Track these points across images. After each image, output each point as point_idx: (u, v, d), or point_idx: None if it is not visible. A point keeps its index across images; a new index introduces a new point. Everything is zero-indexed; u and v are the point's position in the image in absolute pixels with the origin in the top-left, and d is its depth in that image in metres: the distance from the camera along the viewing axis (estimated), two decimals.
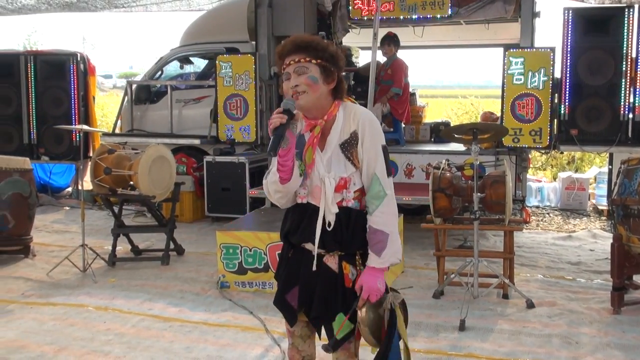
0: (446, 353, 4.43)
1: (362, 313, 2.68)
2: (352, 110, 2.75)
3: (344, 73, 2.83)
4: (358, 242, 2.74)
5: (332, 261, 2.75)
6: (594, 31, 7.41)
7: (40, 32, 37.83)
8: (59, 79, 9.86)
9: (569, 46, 7.44)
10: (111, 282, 6.11)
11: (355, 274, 2.76)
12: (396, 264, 2.78)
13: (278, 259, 3.01)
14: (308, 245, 2.76)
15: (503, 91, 7.69)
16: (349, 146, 2.71)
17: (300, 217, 2.78)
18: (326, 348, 2.72)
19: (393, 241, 2.70)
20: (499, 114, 8.15)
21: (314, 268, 2.74)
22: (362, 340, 2.79)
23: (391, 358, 2.72)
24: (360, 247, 2.76)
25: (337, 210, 2.70)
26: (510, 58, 7.58)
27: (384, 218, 2.69)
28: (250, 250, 5.73)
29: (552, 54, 7.50)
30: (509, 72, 7.59)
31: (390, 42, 8.79)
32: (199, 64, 10.74)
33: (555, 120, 7.62)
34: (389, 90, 8.69)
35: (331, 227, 2.69)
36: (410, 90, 9.78)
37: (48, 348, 4.54)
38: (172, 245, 6.91)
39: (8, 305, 5.49)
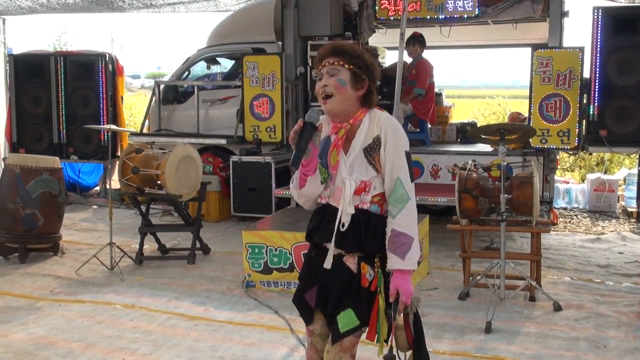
0: (472, 355, 4.40)
1: (399, 318, 2.72)
2: (377, 116, 2.81)
3: (377, 84, 2.89)
4: (377, 245, 2.78)
5: (351, 261, 2.81)
6: (624, 30, 7.31)
7: (69, 33, 38.16)
8: (88, 79, 9.99)
9: (598, 46, 7.35)
10: (138, 281, 6.17)
11: (372, 275, 2.80)
12: (413, 270, 2.79)
13: (303, 259, 3.06)
14: (328, 245, 2.82)
15: (531, 91, 7.62)
16: (372, 150, 2.77)
17: (321, 217, 2.86)
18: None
19: (415, 245, 2.74)
20: (526, 115, 8.08)
21: (328, 266, 2.80)
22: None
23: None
24: (379, 250, 2.80)
25: (352, 212, 2.76)
26: (539, 58, 7.51)
27: (407, 221, 2.73)
28: (276, 250, 5.75)
29: (581, 54, 7.41)
30: (537, 72, 7.52)
31: (416, 42, 8.76)
32: (226, 64, 10.79)
33: (584, 120, 7.54)
34: (412, 90, 8.66)
35: (344, 227, 2.76)
36: (437, 90, 9.74)
37: (76, 345, 4.60)
38: (198, 245, 6.96)
39: (37, 302, 5.57)
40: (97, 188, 11.09)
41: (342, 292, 2.80)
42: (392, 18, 9.18)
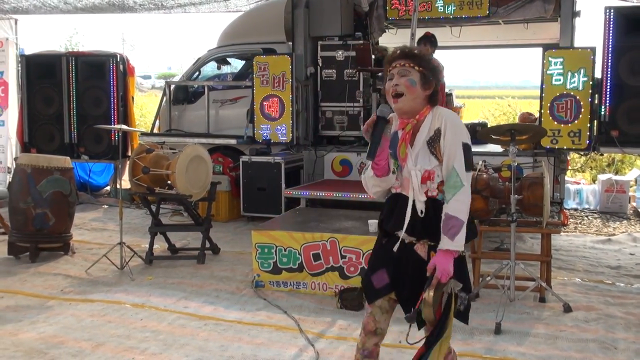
0: (481, 356, 4.39)
1: (429, 293, 2.83)
2: (439, 112, 3.04)
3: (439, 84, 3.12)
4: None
5: (422, 249, 3.01)
6: (636, 30, 7.27)
7: (81, 34, 38.53)
8: (99, 79, 10.04)
9: (610, 46, 7.31)
10: (148, 280, 6.19)
11: None
12: (457, 251, 2.94)
13: (374, 247, 3.28)
14: (400, 233, 3.02)
15: (542, 92, 7.59)
16: (433, 142, 2.98)
17: (392, 206, 3.07)
18: (409, 318, 2.95)
19: (464, 229, 2.92)
20: (537, 115, 8.05)
21: (395, 250, 3.01)
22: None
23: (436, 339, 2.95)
24: None
25: (424, 199, 2.97)
26: (550, 58, 7.49)
27: (459, 206, 2.91)
28: (285, 250, 5.75)
29: (592, 54, 7.38)
30: (548, 72, 7.49)
31: (427, 42, 8.71)
32: (236, 64, 10.82)
33: (595, 121, 7.50)
34: None
35: (422, 214, 2.96)
36: (447, 90, 9.71)
37: (86, 344, 4.62)
38: (207, 244, 6.97)
39: (48, 301, 5.60)
40: (108, 188, 11.13)
41: (416, 277, 2.96)
42: (402, 18, 9.17)
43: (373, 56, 9.42)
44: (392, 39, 10.71)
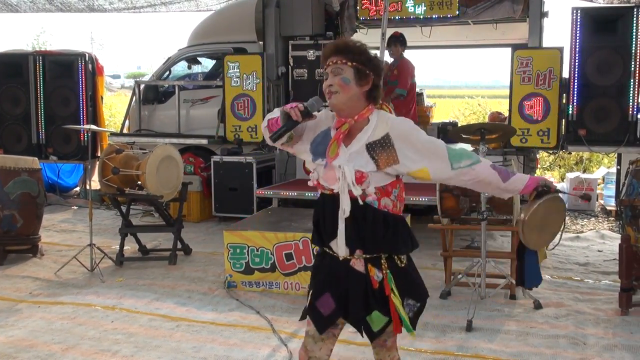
0: (453, 354, 4.42)
1: (529, 211, 2.83)
2: (386, 117, 2.83)
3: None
4: (379, 242, 2.78)
5: (358, 264, 2.81)
6: (603, 31, 7.39)
7: (48, 33, 38.02)
8: (68, 79, 9.91)
9: (577, 46, 7.42)
10: (119, 282, 6.13)
11: (381, 277, 2.79)
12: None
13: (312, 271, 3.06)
14: (333, 244, 2.83)
15: (511, 91, 7.68)
16: (376, 147, 2.76)
17: (320, 216, 2.89)
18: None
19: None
20: (506, 114, 8.13)
21: (342, 252, 2.80)
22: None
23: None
24: (383, 249, 2.80)
25: (347, 199, 2.74)
26: (518, 58, 7.57)
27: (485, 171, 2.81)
28: (257, 250, 5.74)
29: (560, 54, 7.48)
30: (517, 72, 7.58)
31: (397, 43, 8.77)
32: (207, 64, 10.76)
33: (563, 120, 7.60)
34: (394, 90, 8.69)
35: (345, 214, 2.74)
36: (418, 90, 9.77)
37: (56, 347, 4.56)
38: (179, 245, 6.93)
39: (17, 304, 5.52)
40: (77, 189, 11.00)
41: (359, 295, 2.80)
42: (373, 18, 9.21)
43: None
44: (363, 39, 10.66)
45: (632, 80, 7.30)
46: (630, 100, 7.32)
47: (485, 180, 2.81)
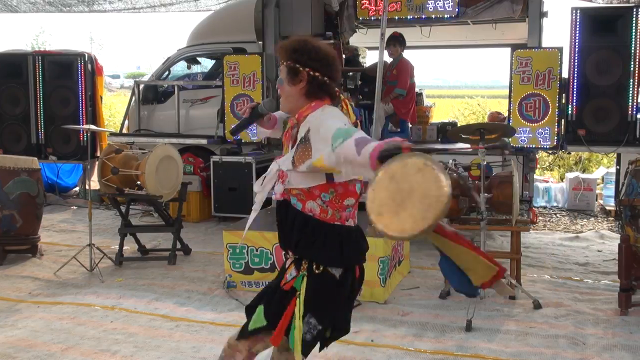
0: (452, 354, 4.42)
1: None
2: (316, 113, 2.67)
3: (317, 74, 2.71)
4: (295, 242, 2.73)
5: (288, 262, 2.85)
6: (602, 31, 7.38)
7: (48, 33, 37.88)
8: (67, 79, 9.90)
9: (576, 46, 7.41)
10: (118, 282, 6.13)
11: (294, 275, 2.75)
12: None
13: None
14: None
15: (510, 91, 7.67)
16: (299, 145, 2.64)
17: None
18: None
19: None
20: (506, 114, 8.13)
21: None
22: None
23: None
24: (303, 251, 2.73)
25: (262, 195, 2.82)
26: (518, 58, 7.56)
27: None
28: (257, 250, 5.74)
29: (559, 54, 7.47)
30: (517, 72, 7.57)
31: (396, 43, 8.77)
32: (206, 64, 10.76)
33: (563, 120, 7.60)
34: (393, 90, 8.69)
35: (258, 207, 2.87)
36: (417, 90, 9.76)
37: (55, 347, 4.56)
38: (178, 245, 6.93)
39: (16, 304, 5.52)
40: (77, 189, 10.99)
41: (267, 288, 2.90)
42: (372, 18, 9.20)
43: (344, 56, 9.44)
44: (362, 39, 10.74)
45: (631, 80, 7.29)
46: (630, 100, 7.31)
47: (347, 157, 2.34)
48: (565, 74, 7.52)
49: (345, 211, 2.72)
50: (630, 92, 7.29)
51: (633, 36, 7.24)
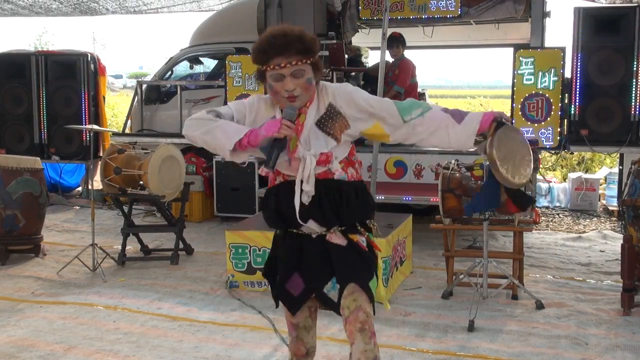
0: (455, 354, 4.41)
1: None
2: (325, 89, 2.75)
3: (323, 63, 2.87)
4: (355, 212, 2.77)
5: (336, 237, 2.77)
6: (605, 31, 7.37)
7: (51, 33, 37.94)
8: (70, 79, 9.92)
9: (579, 46, 7.40)
10: (121, 282, 6.14)
11: (365, 240, 2.81)
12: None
13: (267, 258, 3.04)
14: (305, 228, 2.76)
15: (513, 91, 7.66)
16: (326, 121, 2.70)
17: (280, 199, 2.77)
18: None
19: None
20: (508, 114, 8.11)
21: (318, 230, 2.77)
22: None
23: None
24: (359, 218, 2.81)
25: (311, 189, 2.67)
26: (520, 58, 7.56)
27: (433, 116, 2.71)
28: (259, 250, 5.74)
29: (562, 54, 7.46)
30: (519, 72, 7.56)
31: (399, 44, 8.76)
32: (209, 64, 10.76)
33: (566, 120, 7.59)
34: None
35: (307, 201, 2.69)
36: (420, 90, 9.75)
37: (57, 347, 4.57)
38: (181, 245, 6.93)
39: (18, 304, 5.52)
40: (79, 189, 11.02)
41: (344, 258, 2.75)
42: (374, 18, 9.20)
43: (346, 56, 9.44)
44: (364, 39, 10.74)
45: (634, 80, 7.28)
46: (633, 100, 7.30)
47: (440, 126, 2.68)
48: (568, 74, 7.51)
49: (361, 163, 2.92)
50: (633, 92, 7.28)
51: (636, 36, 7.23)
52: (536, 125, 7.55)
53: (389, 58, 8.51)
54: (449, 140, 2.72)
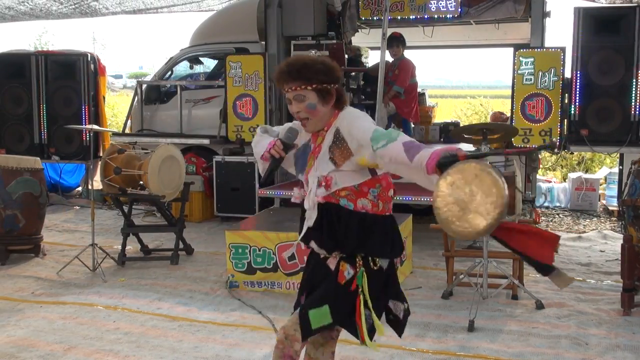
0: (455, 354, 4.41)
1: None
2: (341, 115, 2.84)
3: (344, 82, 2.93)
4: (354, 242, 2.79)
5: (332, 262, 2.84)
6: (605, 31, 7.38)
7: (51, 33, 37.86)
8: (70, 79, 9.92)
9: (579, 46, 7.42)
10: (120, 282, 6.14)
11: (352, 273, 2.80)
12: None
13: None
14: (312, 244, 2.88)
15: (513, 91, 7.67)
16: (333, 147, 2.78)
17: (300, 218, 2.97)
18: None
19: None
20: (508, 114, 8.12)
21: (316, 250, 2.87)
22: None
23: None
24: (358, 248, 2.80)
25: (314, 209, 2.81)
26: (521, 58, 7.57)
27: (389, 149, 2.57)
28: (259, 250, 5.74)
29: (562, 54, 7.47)
30: (519, 72, 7.57)
31: (399, 43, 8.77)
32: (209, 64, 10.76)
33: (566, 120, 7.60)
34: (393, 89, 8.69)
35: (310, 224, 2.82)
36: (420, 90, 9.76)
37: (57, 347, 4.56)
38: (181, 245, 6.93)
39: (18, 304, 5.52)
40: (79, 189, 11.01)
41: (319, 284, 2.86)
42: (374, 18, 9.20)
43: (346, 56, 9.44)
44: (364, 39, 10.74)
45: (634, 80, 7.29)
46: (633, 100, 7.31)
47: (397, 160, 2.54)
48: (568, 74, 7.52)
49: (391, 202, 2.87)
50: (633, 92, 7.30)
51: (636, 36, 7.25)
52: (536, 125, 7.55)
53: (389, 58, 8.52)
54: (411, 179, 2.61)
